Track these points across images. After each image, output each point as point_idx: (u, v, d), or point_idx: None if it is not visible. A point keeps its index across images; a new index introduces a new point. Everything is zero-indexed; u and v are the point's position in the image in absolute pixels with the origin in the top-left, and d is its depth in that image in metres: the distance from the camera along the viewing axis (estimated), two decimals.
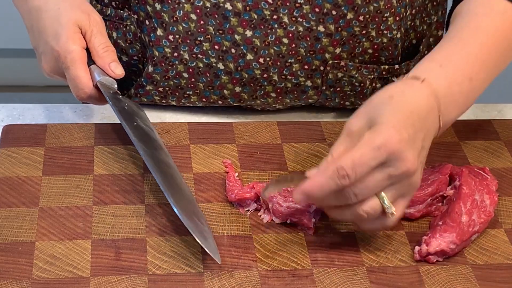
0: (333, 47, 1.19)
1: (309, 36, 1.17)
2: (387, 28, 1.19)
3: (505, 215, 1.08)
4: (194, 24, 1.17)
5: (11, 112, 1.22)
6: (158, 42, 1.18)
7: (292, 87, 1.21)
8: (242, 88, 1.21)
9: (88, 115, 1.23)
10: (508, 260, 1.02)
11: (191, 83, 1.21)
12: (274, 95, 1.22)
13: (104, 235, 1.00)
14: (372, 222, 0.97)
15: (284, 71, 1.19)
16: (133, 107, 1.13)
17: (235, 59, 1.19)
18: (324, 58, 1.19)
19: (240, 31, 1.17)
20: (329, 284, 0.97)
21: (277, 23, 1.16)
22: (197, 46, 1.18)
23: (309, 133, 1.18)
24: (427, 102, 0.99)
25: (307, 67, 1.20)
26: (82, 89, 1.10)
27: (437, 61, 1.04)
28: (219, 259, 0.96)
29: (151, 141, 1.08)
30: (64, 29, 1.10)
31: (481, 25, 1.08)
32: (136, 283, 0.95)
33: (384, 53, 1.22)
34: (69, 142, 1.14)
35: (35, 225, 1.01)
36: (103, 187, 1.07)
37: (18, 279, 0.94)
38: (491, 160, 1.16)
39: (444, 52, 1.06)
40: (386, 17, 1.18)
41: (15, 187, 1.06)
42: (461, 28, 1.08)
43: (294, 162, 1.13)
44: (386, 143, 0.93)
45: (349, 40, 1.18)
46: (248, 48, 1.18)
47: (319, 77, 1.21)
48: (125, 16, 1.21)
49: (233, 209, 1.05)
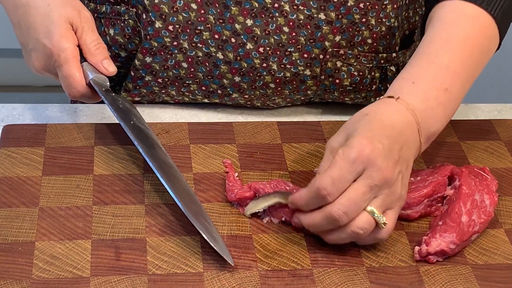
0: (333, 34, 1.19)
1: (309, 24, 1.18)
2: (386, 16, 1.20)
3: (505, 215, 1.08)
4: (194, 14, 1.17)
5: (11, 112, 1.22)
6: (157, 34, 1.18)
7: (291, 76, 1.21)
8: (241, 78, 1.21)
9: (88, 115, 1.23)
10: (508, 260, 1.02)
11: (190, 72, 1.21)
12: (273, 85, 1.22)
13: (104, 235, 1.00)
14: (367, 237, 0.99)
15: (284, 60, 1.20)
16: (127, 105, 1.12)
17: (234, 49, 1.19)
18: (323, 46, 1.20)
19: (241, 20, 1.17)
20: (329, 284, 0.97)
21: (278, 11, 1.17)
22: (197, 36, 1.19)
23: (309, 133, 1.18)
24: (403, 117, 1.02)
25: (306, 56, 1.20)
26: (75, 88, 1.09)
27: (409, 79, 1.06)
28: (231, 261, 0.97)
29: (149, 140, 1.08)
30: (56, 27, 1.09)
31: (451, 35, 1.09)
32: (136, 283, 0.95)
33: (382, 42, 1.22)
34: (69, 142, 1.14)
35: (35, 225, 1.01)
36: (103, 187, 1.07)
37: (18, 279, 0.94)
38: (491, 160, 1.17)
39: (416, 68, 1.08)
40: (385, 5, 1.19)
41: (15, 187, 1.06)
42: (431, 40, 1.10)
43: (294, 162, 1.13)
44: (360, 154, 0.96)
45: (348, 28, 1.19)
46: (248, 37, 1.18)
47: (318, 66, 1.21)
48: (123, 10, 1.21)
49: (233, 209, 1.05)
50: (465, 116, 1.28)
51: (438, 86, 1.05)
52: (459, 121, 1.24)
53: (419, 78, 1.06)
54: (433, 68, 1.07)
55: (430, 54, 1.08)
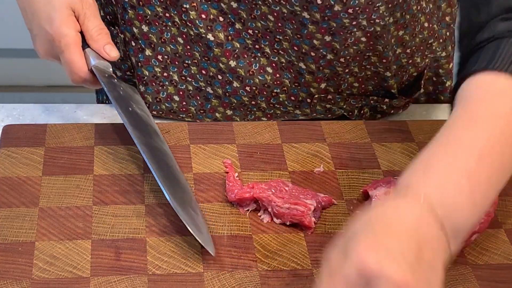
0: (317, 83, 1.18)
1: (291, 69, 1.17)
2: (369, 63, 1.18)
3: (505, 215, 1.08)
4: (181, 48, 1.17)
5: (11, 112, 1.22)
6: (148, 62, 1.18)
7: (281, 113, 1.22)
8: (233, 111, 1.21)
9: (88, 115, 1.23)
10: (508, 260, 1.02)
11: (183, 106, 1.21)
12: (265, 119, 1.22)
13: (104, 235, 1.00)
14: None
15: (272, 100, 1.20)
16: (129, 91, 1.12)
17: (222, 85, 1.19)
18: (309, 91, 1.19)
19: (224, 60, 1.17)
20: None
21: (259, 52, 1.16)
22: (185, 69, 1.18)
23: (309, 133, 1.18)
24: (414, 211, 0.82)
25: (293, 98, 1.20)
26: (77, 73, 1.09)
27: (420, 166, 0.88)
28: (212, 251, 0.96)
29: (146, 127, 1.07)
30: (57, 13, 1.09)
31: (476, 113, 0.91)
32: (136, 283, 0.95)
33: (371, 83, 1.21)
34: (69, 142, 1.14)
35: (35, 225, 1.01)
36: (103, 187, 1.07)
37: (18, 279, 0.94)
38: None
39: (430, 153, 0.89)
40: (368, 56, 1.17)
41: (15, 187, 1.06)
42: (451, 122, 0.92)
43: (294, 162, 1.13)
44: (362, 270, 0.77)
45: (333, 77, 1.18)
46: (234, 77, 1.18)
47: (308, 108, 1.21)
48: (114, 33, 1.21)
49: (233, 209, 1.05)
50: None
51: (458, 171, 0.87)
52: None
53: (433, 163, 0.87)
54: (451, 151, 0.88)
55: (448, 135, 0.90)
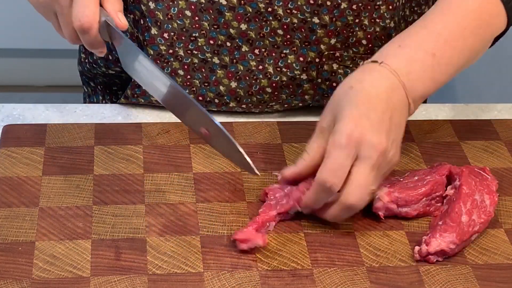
0: (328, 37, 1.19)
1: (303, 28, 1.18)
2: (379, 16, 1.20)
3: (505, 215, 1.08)
4: (188, 21, 1.17)
5: (11, 112, 1.22)
6: (153, 41, 1.19)
7: (287, 80, 1.21)
8: (238, 82, 1.21)
9: (88, 115, 1.23)
10: (508, 260, 1.02)
11: (187, 80, 1.21)
12: (270, 90, 1.22)
13: (104, 235, 1.00)
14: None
15: (279, 62, 1.20)
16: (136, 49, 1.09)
17: (230, 52, 1.19)
18: (319, 49, 1.20)
19: (235, 25, 1.17)
20: (329, 284, 0.97)
21: (271, 15, 1.17)
22: (192, 42, 1.19)
23: (309, 133, 1.18)
24: (388, 83, 1.02)
25: (302, 59, 1.20)
26: (87, 16, 1.02)
27: (396, 42, 1.06)
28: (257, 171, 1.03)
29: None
30: None
31: (449, 6, 1.09)
32: (136, 283, 0.95)
33: (378, 43, 1.22)
34: (69, 142, 1.14)
35: (35, 225, 1.01)
36: (103, 187, 1.07)
37: (18, 279, 0.94)
38: (491, 160, 1.17)
39: (406, 33, 1.08)
40: (378, 6, 1.19)
41: (15, 187, 1.06)
42: (429, 12, 1.10)
43: (294, 162, 1.13)
44: (350, 139, 0.98)
45: (343, 30, 1.19)
46: (243, 40, 1.19)
47: (314, 69, 1.21)
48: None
49: (233, 209, 1.05)
50: (465, 116, 1.28)
51: (426, 50, 1.05)
52: (459, 121, 1.24)
53: (407, 42, 1.06)
54: (423, 34, 1.07)
55: (424, 21, 1.08)
